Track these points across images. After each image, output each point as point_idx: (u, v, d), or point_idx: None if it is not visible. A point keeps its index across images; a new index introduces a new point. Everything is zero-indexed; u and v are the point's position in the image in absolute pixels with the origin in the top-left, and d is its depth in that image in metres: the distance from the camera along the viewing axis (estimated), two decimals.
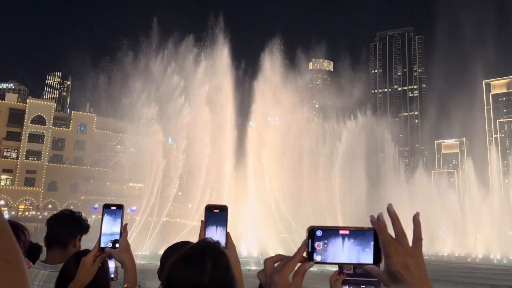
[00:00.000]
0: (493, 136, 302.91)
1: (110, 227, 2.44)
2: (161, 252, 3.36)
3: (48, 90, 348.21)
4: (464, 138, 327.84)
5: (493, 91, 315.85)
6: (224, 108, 65.03)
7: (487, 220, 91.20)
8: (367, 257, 1.24)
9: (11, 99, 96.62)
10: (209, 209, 2.30)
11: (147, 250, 50.96)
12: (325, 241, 1.24)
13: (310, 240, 1.25)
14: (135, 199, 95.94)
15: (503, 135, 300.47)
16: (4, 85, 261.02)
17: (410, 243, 1.23)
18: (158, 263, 3.11)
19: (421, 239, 1.21)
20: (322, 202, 69.48)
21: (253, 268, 37.44)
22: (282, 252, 1.33)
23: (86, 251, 3.23)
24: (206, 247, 2.00)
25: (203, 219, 2.29)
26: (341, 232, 1.24)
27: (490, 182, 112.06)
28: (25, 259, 2.08)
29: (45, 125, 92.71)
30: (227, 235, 2.28)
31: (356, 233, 1.24)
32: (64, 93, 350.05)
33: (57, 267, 3.27)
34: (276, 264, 1.28)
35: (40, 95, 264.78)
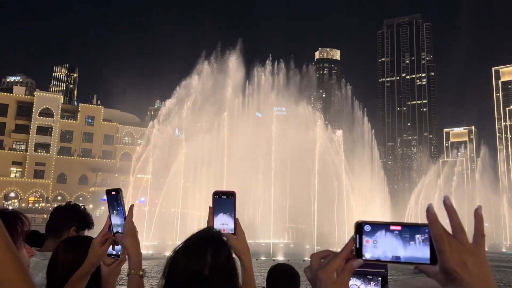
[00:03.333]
0: (503, 124, 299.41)
1: (114, 212, 2.42)
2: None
3: (55, 83, 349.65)
4: (473, 126, 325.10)
5: (503, 78, 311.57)
6: (229, 99, 64.83)
7: (496, 209, 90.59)
8: (422, 256, 1.10)
9: (19, 92, 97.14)
10: (217, 195, 2.25)
11: (155, 240, 51.40)
12: (375, 237, 1.13)
13: (358, 236, 1.15)
14: (143, 190, 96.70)
15: None
16: (12, 78, 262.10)
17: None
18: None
19: (483, 236, 1.08)
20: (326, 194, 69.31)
21: (262, 258, 37.53)
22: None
23: (77, 238, 3.18)
24: (207, 237, 1.93)
25: (211, 205, 2.23)
26: (392, 227, 1.12)
27: (499, 171, 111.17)
28: (25, 246, 2.03)
29: (53, 117, 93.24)
30: (236, 222, 2.22)
31: (409, 229, 1.12)
32: (71, 86, 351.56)
33: (45, 255, 3.30)
34: (322, 260, 1.20)
35: (47, 88, 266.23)
